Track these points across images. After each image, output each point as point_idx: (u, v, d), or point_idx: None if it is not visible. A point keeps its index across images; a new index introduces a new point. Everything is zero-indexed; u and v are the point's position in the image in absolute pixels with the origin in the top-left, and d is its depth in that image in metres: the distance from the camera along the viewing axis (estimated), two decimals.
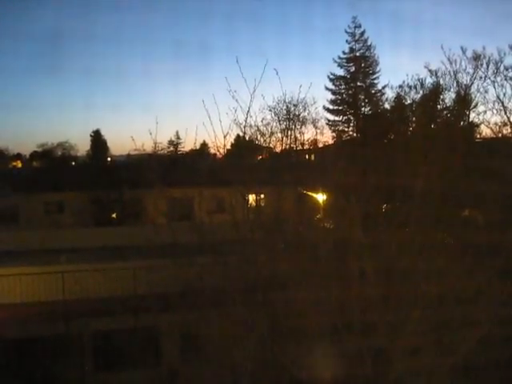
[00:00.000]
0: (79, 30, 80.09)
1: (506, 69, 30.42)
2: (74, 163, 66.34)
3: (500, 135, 28.76)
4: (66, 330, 18.98)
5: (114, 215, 44.12)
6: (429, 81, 33.85)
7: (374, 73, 57.50)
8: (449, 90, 32.58)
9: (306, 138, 35.02)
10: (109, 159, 67.45)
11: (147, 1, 74.25)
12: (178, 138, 72.28)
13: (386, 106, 46.12)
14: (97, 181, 41.62)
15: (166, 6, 74.78)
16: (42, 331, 18.93)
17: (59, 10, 73.54)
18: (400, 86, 35.98)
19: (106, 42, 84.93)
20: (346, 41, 57.22)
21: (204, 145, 42.57)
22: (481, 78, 31.78)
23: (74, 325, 19.12)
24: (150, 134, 15.21)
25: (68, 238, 27.94)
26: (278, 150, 19.18)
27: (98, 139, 66.78)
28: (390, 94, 46.68)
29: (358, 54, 57.54)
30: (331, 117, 57.47)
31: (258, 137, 18.21)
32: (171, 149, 73.91)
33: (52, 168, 56.16)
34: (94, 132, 66.81)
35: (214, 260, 13.84)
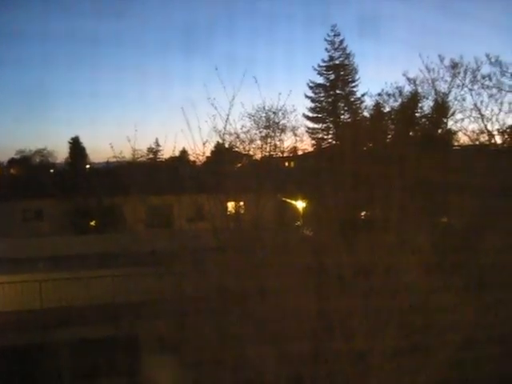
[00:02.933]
0: (56, 35, 79.63)
1: (483, 77, 30.73)
2: (52, 170, 65.77)
3: (477, 142, 29.05)
4: (43, 338, 18.81)
5: (92, 223, 43.82)
6: (407, 89, 34.19)
7: (353, 81, 57.86)
8: (427, 98, 32.93)
9: (285, 146, 35.06)
10: (88, 166, 66.93)
11: (126, 7, 74.03)
12: (158, 145, 71.87)
13: (365, 113, 46.45)
14: (76, 188, 41.37)
15: (145, 13, 74.63)
16: (18, 340, 18.74)
17: (35, 14, 72.93)
18: (379, 94, 36.29)
19: (84, 48, 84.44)
20: (326, 49, 57.53)
21: (183, 152, 42.42)
22: (458, 86, 32.11)
23: (52, 334, 18.95)
24: (129, 141, 15.23)
25: (46, 246, 27.76)
26: (258, 157, 19.18)
27: (76, 146, 66.19)
28: (369, 102, 46.98)
29: (337, 62, 57.84)
30: (311, 124, 57.66)
31: (238, 144, 18.24)
32: (150, 156, 73.51)
33: (30, 175, 55.70)
34: (72, 139, 66.14)
35: (193, 268, 13.82)
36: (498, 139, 29.85)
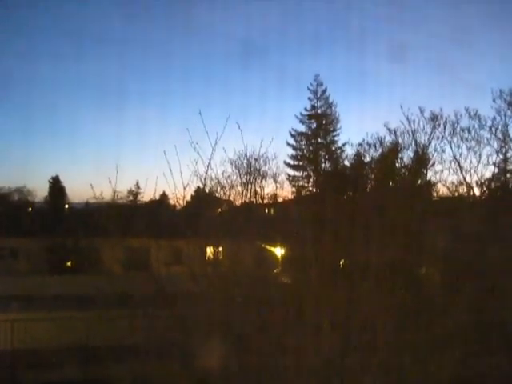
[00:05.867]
0: (36, 74, 79.98)
1: (462, 130, 31.34)
2: (30, 209, 65.26)
3: (456, 194, 29.34)
4: (12, 381, 18.38)
5: (69, 263, 43.36)
6: (388, 139, 34.57)
7: (334, 130, 58.59)
8: (407, 149, 33.24)
9: (266, 192, 34.99)
10: (66, 206, 66.54)
11: (107, 49, 74.68)
12: (138, 187, 71.64)
13: (346, 162, 46.80)
14: (53, 228, 41.02)
15: (128, 55, 75.31)
16: None
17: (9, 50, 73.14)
18: (360, 144, 36.66)
19: (65, 89, 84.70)
20: (308, 98, 58.32)
21: (164, 195, 42.27)
22: (438, 137, 32.64)
23: (21, 376, 18.53)
24: (110, 182, 15.14)
25: (21, 285, 27.37)
26: (238, 203, 19.17)
27: (56, 186, 65.98)
28: (349, 151, 47.45)
29: (319, 111, 58.63)
30: (292, 172, 58.11)
31: (218, 189, 18.21)
32: (131, 198, 73.17)
33: (7, 213, 55.16)
34: (52, 178, 66.04)
35: (169, 312, 13.66)
36: (477, 191, 30.26)
